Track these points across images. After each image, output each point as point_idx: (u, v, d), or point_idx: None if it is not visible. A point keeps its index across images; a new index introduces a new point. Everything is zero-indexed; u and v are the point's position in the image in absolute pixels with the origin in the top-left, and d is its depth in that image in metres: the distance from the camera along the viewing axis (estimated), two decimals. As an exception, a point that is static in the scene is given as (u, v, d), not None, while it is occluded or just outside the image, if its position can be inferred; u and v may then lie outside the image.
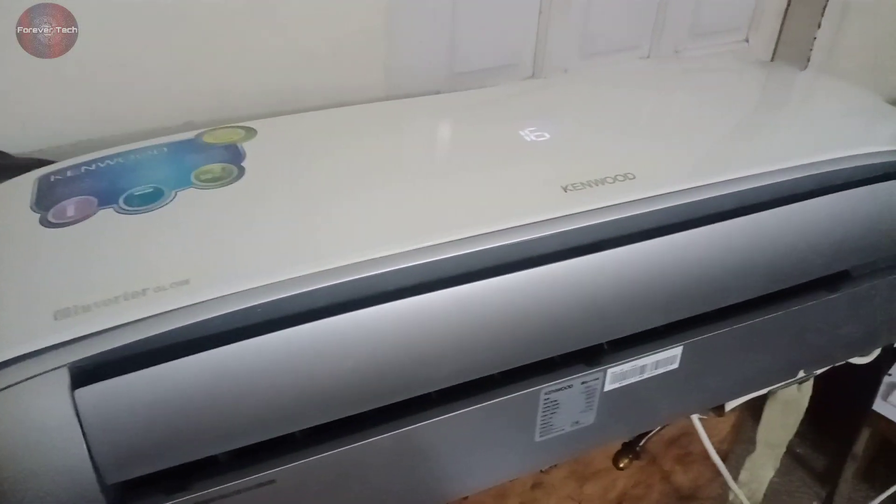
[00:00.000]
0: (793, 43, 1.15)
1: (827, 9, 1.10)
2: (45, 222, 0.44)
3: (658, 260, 0.47)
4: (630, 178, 0.48)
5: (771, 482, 0.88)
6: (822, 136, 0.56)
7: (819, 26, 1.12)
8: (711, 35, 1.08)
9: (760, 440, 0.78)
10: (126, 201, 0.46)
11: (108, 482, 0.38)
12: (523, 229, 0.44)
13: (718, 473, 0.77)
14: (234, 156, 0.51)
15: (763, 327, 0.54)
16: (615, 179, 0.48)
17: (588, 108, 0.61)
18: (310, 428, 0.43)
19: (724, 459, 0.76)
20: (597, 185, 0.47)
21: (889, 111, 0.63)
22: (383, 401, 0.44)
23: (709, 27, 1.06)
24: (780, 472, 1.28)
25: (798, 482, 1.27)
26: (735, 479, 0.79)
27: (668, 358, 0.51)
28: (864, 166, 0.54)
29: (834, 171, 0.53)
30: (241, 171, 0.49)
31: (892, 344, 0.67)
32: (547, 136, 0.53)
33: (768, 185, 0.50)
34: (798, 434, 1.31)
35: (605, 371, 0.49)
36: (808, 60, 1.14)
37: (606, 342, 0.50)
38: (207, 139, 0.53)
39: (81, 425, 0.35)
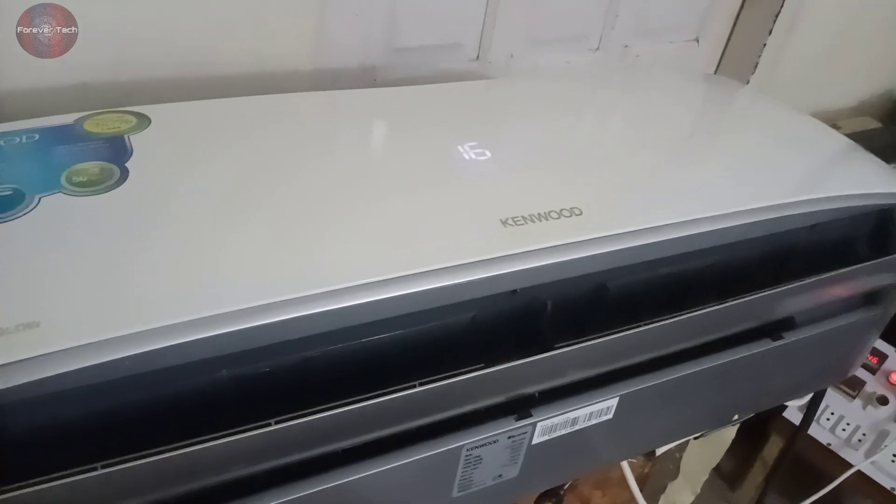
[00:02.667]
0: (741, 48, 1.13)
1: (779, 18, 1.08)
2: None
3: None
4: (576, 215, 0.43)
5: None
6: (777, 179, 0.52)
7: (770, 33, 1.10)
8: (662, 32, 1.05)
9: (683, 468, 0.76)
10: (-25, 206, 0.37)
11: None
12: (452, 271, 0.38)
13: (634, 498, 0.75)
14: (117, 152, 0.43)
15: (704, 375, 0.50)
16: (560, 215, 0.43)
17: (532, 125, 0.55)
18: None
19: (643, 482, 0.74)
20: (539, 221, 0.42)
21: (849, 149, 0.60)
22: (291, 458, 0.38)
23: (660, 25, 1.03)
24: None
25: (706, 485, 1.28)
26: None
27: (602, 409, 0.47)
28: (821, 211, 0.50)
29: (785, 216, 0.49)
30: (124, 173, 0.41)
31: (827, 387, 0.65)
32: (488, 154, 0.47)
33: (721, 229, 0.46)
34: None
35: (534, 424, 0.44)
36: (756, 67, 1.12)
37: (538, 392, 0.45)
38: (89, 127, 0.45)
39: None
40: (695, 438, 0.65)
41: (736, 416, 0.57)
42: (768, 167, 0.53)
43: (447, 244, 0.39)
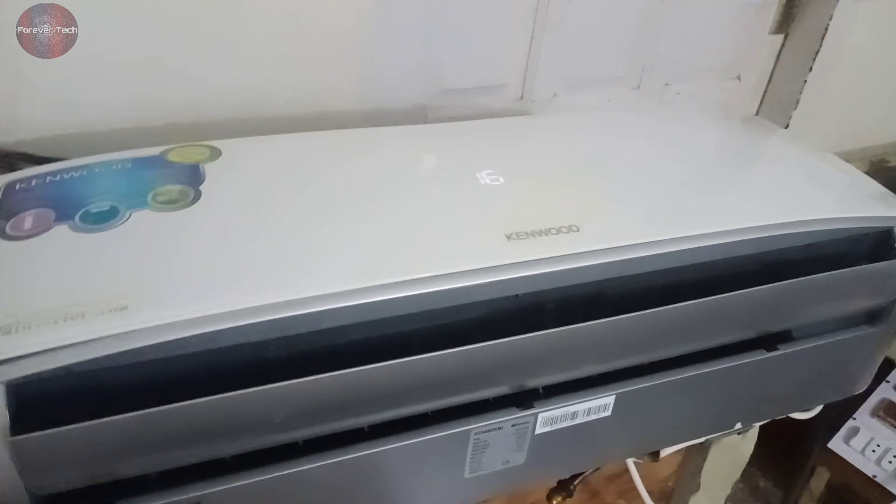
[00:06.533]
0: (783, 86, 1.16)
1: (819, 55, 1.11)
2: (2, 233, 0.46)
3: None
4: (574, 231, 0.50)
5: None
6: (772, 202, 0.57)
7: (810, 70, 1.12)
8: (704, 69, 1.08)
9: (704, 482, 0.79)
10: (82, 218, 0.47)
11: (34, 494, 0.39)
12: (461, 276, 0.45)
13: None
14: (193, 177, 0.52)
15: (698, 381, 0.55)
16: (559, 231, 0.49)
17: (550, 155, 0.62)
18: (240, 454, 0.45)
19: (668, 496, 0.77)
20: (540, 236, 0.49)
21: (848, 178, 0.64)
22: (316, 432, 0.46)
23: (701, 63, 1.06)
24: (739, 504, 1.30)
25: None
26: (679, 516, 0.81)
27: (600, 405, 0.52)
28: (815, 232, 0.55)
29: (780, 235, 0.54)
30: (198, 194, 0.50)
31: (834, 400, 0.68)
32: (501, 180, 0.55)
33: (708, 246, 0.51)
34: (760, 467, 1.33)
35: (536, 415, 0.50)
36: (798, 104, 1.15)
37: (541, 387, 0.51)
38: (172, 157, 0.55)
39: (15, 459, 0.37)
40: (700, 444, 0.69)
41: (738, 425, 0.62)
42: (759, 192, 0.58)
43: (458, 253, 0.47)
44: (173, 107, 0.67)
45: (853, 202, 0.59)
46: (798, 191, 0.60)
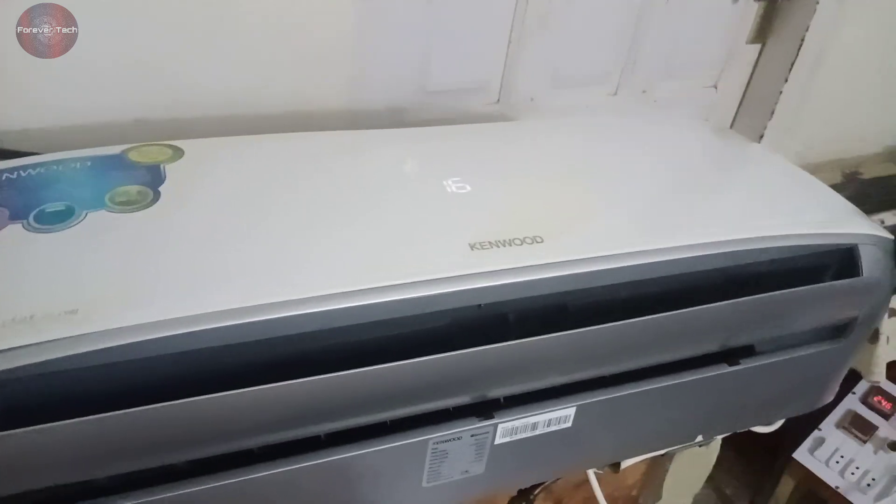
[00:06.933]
0: (759, 96, 1.16)
1: (795, 66, 1.11)
2: (-47, 233, 0.45)
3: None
4: (538, 242, 0.49)
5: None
6: (738, 218, 0.57)
7: (786, 80, 1.13)
8: (681, 77, 1.09)
9: (665, 492, 0.79)
10: (36, 218, 0.46)
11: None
12: (422, 285, 0.45)
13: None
14: (153, 178, 0.51)
15: (659, 394, 0.55)
16: (523, 242, 0.49)
17: (519, 164, 0.61)
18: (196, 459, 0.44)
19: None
20: (503, 246, 0.48)
21: (815, 195, 0.64)
22: (272, 439, 0.45)
23: (679, 69, 1.07)
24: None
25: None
26: (642, 525, 0.81)
27: (560, 417, 0.52)
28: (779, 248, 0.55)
29: (744, 251, 0.54)
30: (157, 195, 0.49)
31: (797, 415, 0.69)
32: (468, 188, 0.54)
33: (672, 260, 0.51)
34: (729, 473, 1.34)
35: (495, 426, 0.50)
36: (773, 114, 1.15)
37: (503, 397, 0.51)
38: (133, 156, 0.54)
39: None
40: (663, 455, 0.69)
41: (699, 437, 0.62)
42: (726, 208, 0.58)
43: (421, 263, 0.46)
44: (158, 106, 0.66)
45: (819, 220, 0.59)
46: (764, 207, 0.61)
